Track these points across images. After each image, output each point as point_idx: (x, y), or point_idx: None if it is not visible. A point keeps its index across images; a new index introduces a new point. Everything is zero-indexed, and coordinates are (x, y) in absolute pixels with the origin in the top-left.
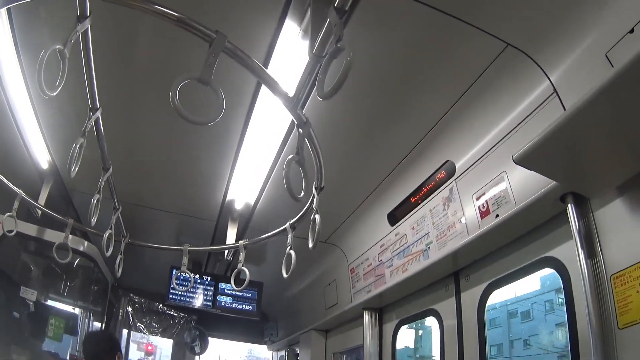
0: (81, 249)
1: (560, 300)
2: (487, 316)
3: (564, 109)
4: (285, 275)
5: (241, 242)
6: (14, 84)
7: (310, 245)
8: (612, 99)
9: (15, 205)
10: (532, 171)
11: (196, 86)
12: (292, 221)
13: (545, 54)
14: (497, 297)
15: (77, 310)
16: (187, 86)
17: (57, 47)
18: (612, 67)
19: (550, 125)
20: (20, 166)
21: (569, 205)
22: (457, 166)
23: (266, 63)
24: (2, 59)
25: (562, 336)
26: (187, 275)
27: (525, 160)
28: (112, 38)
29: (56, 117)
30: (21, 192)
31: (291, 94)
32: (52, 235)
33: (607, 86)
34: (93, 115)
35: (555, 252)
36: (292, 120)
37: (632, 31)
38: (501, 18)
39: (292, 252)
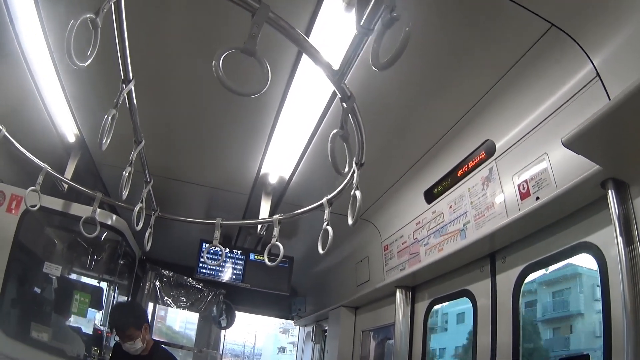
0: (109, 222)
1: None
2: (521, 299)
3: (607, 94)
4: (321, 251)
5: (276, 216)
6: (38, 55)
7: (350, 222)
8: None
9: (40, 179)
10: (573, 154)
11: (234, 58)
12: (329, 196)
13: (589, 37)
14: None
15: (102, 284)
16: (227, 58)
17: (88, 15)
18: None
19: (602, 109)
20: (45, 140)
21: (609, 190)
22: (497, 146)
23: (307, 34)
24: (24, 28)
25: None
26: (218, 249)
27: (575, 143)
28: (145, 7)
29: (83, 89)
30: (46, 166)
31: (335, 67)
32: (79, 209)
33: None
34: (125, 87)
35: (592, 238)
36: (333, 94)
37: None
38: None
39: (329, 227)
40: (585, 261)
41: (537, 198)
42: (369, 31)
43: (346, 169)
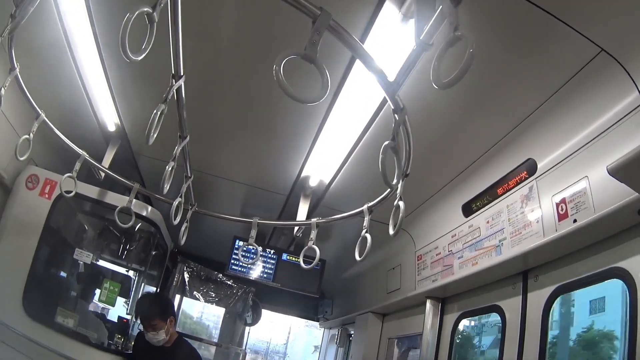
0: (144, 213)
1: None
2: (551, 319)
3: None
4: (358, 258)
5: (314, 219)
6: (83, 43)
7: (391, 232)
8: None
9: (77, 166)
10: (613, 179)
11: (289, 64)
12: (370, 204)
13: (637, 63)
14: None
15: (131, 274)
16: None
17: (145, 9)
18: None
19: None
20: (85, 129)
21: None
22: (539, 165)
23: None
24: (71, 16)
25: None
26: (252, 247)
27: (620, 172)
28: (201, 4)
29: (127, 79)
30: (84, 153)
31: (390, 78)
32: (114, 198)
33: None
34: (175, 82)
35: (625, 264)
36: (380, 103)
37: None
38: (598, 22)
39: (368, 235)
40: None
41: (575, 220)
42: (427, 46)
43: (394, 181)
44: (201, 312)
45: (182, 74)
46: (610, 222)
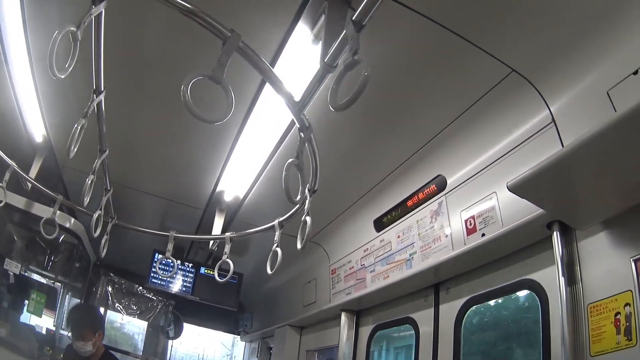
0: (67, 225)
1: None
2: (463, 330)
3: (560, 140)
4: (270, 272)
5: (228, 234)
6: (19, 58)
7: (299, 246)
8: (609, 142)
9: (7, 176)
10: None
11: (202, 82)
12: (281, 219)
13: (548, 83)
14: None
15: (56, 286)
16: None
17: (70, 28)
18: (613, 105)
19: (547, 160)
20: (14, 138)
21: (555, 232)
22: (448, 181)
23: (273, 63)
24: (8, 31)
25: None
26: (170, 261)
27: (519, 189)
28: (123, 24)
29: (56, 94)
30: (13, 163)
31: (296, 97)
32: (40, 210)
33: (607, 130)
34: (96, 97)
35: (536, 276)
36: (292, 121)
37: (635, 73)
38: (509, 44)
39: (278, 249)
40: None
41: (483, 234)
42: (331, 68)
43: (298, 197)
44: (122, 324)
45: (102, 89)
46: (519, 236)
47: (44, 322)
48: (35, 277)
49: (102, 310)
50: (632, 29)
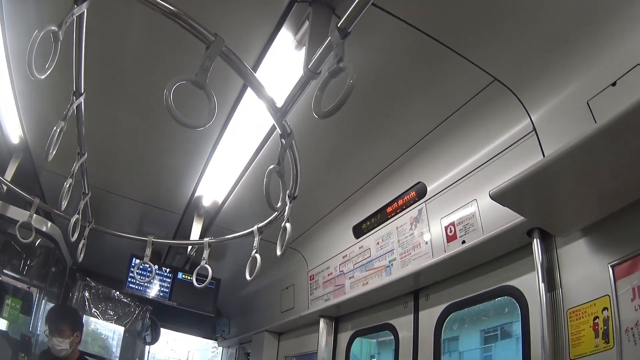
0: (44, 229)
1: None
2: (443, 336)
3: (541, 149)
4: (248, 277)
5: (206, 239)
6: None
7: (279, 252)
8: (589, 151)
9: None
10: None
11: (184, 86)
12: (260, 225)
13: (529, 93)
14: None
15: (32, 291)
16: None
17: (51, 28)
18: (592, 115)
19: (529, 169)
20: None
21: (535, 239)
22: (428, 189)
23: (255, 68)
24: None
25: None
26: (148, 266)
27: (501, 197)
28: (106, 25)
29: (34, 95)
30: None
31: (278, 103)
32: (16, 213)
33: (588, 140)
34: (76, 99)
35: (516, 282)
36: (272, 127)
37: (614, 84)
38: (491, 53)
39: (257, 255)
40: None
41: (464, 242)
42: (315, 75)
43: (279, 204)
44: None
45: (82, 91)
46: (500, 243)
47: (19, 328)
48: (10, 282)
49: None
50: (611, 41)
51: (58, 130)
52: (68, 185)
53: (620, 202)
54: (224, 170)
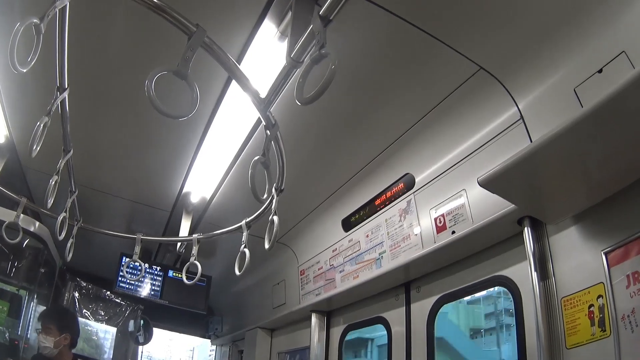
0: (32, 229)
1: None
2: (436, 327)
3: (529, 136)
4: (238, 273)
5: (195, 235)
6: None
7: (267, 246)
8: (577, 137)
9: None
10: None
11: (167, 78)
12: (248, 219)
13: (516, 81)
14: None
15: (21, 293)
16: (159, 77)
17: (33, 20)
18: (579, 101)
19: (517, 154)
20: None
21: (526, 228)
22: (416, 180)
23: (239, 60)
24: None
25: None
26: (137, 264)
27: (490, 184)
28: (89, 18)
29: (19, 92)
30: None
31: (262, 95)
32: (2, 213)
33: (575, 125)
34: (60, 95)
35: (508, 272)
36: (258, 120)
37: (600, 71)
38: (477, 42)
39: (246, 250)
40: None
41: (453, 232)
42: (298, 64)
43: (265, 196)
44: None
45: (66, 86)
46: (490, 233)
47: (7, 332)
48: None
49: None
50: (596, 29)
51: (42, 125)
52: (54, 183)
53: (610, 188)
54: (211, 165)
